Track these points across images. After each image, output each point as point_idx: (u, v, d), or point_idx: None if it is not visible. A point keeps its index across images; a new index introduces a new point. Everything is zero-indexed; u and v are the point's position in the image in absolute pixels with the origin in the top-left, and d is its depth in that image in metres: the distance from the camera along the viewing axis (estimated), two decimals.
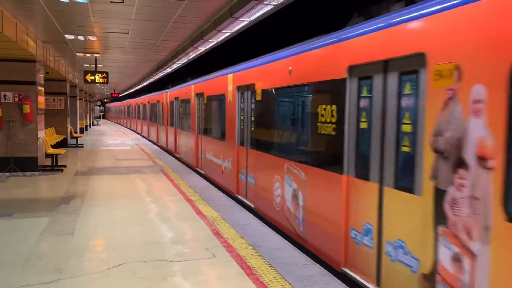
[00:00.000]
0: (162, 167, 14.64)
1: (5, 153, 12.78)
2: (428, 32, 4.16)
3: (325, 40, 6.23)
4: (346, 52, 5.59)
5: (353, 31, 5.52)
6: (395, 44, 4.63)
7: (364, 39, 5.23)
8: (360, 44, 5.30)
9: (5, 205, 8.95)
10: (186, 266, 5.46)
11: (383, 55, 4.82)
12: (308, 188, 6.48)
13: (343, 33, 5.77)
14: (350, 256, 5.31)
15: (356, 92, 5.39)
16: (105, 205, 8.93)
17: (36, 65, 13.15)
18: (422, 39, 4.22)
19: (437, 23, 4.07)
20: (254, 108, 9.06)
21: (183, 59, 15.59)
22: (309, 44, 6.78)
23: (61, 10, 9.68)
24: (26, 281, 4.92)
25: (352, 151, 5.42)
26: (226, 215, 8.05)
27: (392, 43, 4.69)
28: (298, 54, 7.02)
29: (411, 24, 4.43)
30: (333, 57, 5.92)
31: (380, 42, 4.90)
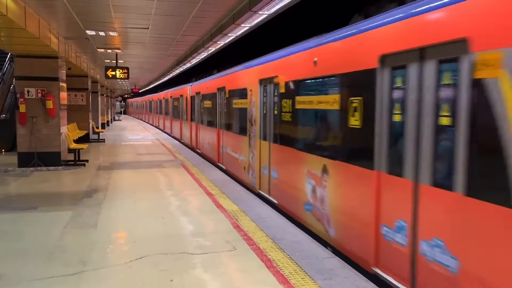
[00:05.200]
0: (182, 161, 14.73)
1: (29, 148, 13.00)
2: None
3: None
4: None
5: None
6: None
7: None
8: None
9: (29, 199, 9.13)
10: (206, 259, 5.50)
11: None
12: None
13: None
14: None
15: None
16: (126, 198, 9.03)
17: (58, 61, 13.32)
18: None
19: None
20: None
21: (203, 53, 15.61)
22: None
23: (82, 6, 9.78)
24: (51, 273, 5.02)
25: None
26: (246, 209, 8.07)
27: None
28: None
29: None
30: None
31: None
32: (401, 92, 4.88)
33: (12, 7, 8.38)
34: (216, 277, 4.94)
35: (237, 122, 12.16)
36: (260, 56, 10.47)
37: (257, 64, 10.31)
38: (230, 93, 12.82)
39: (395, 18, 5.04)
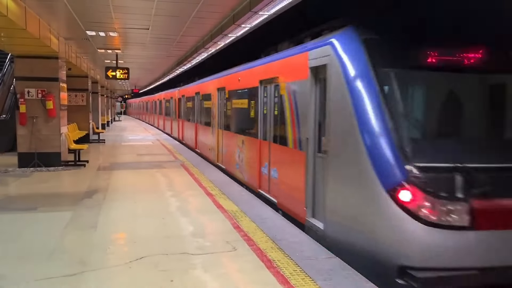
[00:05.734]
0: (182, 162, 14.74)
1: (29, 149, 13.01)
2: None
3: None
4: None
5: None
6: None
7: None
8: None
9: (29, 200, 9.13)
10: (207, 259, 5.50)
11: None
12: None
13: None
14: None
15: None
16: (127, 199, 9.03)
17: (58, 61, 13.33)
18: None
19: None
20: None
21: (203, 54, 15.62)
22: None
23: (82, 7, 9.79)
24: (51, 273, 5.02)
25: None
26: (246, 209, 8.07)
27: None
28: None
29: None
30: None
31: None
32: (265, 98, 9.54)
33: (13, 7, 8.38)
34: (216, 278, 4.94)
35: (206, 117, 16.43)
36: (217, 73, 15.03)
37: (215, 78, 15.06)
38: (202, 97, 17.15)
39: (262, 63, 9.95)
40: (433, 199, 4.98)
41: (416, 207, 4.99)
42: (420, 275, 4.81)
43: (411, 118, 5.73)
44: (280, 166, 8.61)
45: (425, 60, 5.73)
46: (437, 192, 4.98)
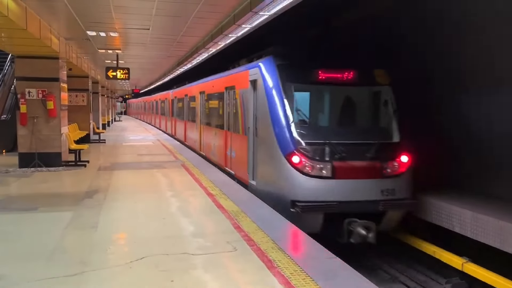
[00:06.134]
0: (183, 162, 14.73)
1: (30, 149, 13.02)
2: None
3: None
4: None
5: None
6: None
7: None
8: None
9: (30, 200, 9.13)
10: (207, 259, 5.50)
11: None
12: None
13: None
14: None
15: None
16: (127, 199, 9.04)
17: (59, 61, 13.34)
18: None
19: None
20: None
21: (204, 54, 15.62)
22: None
23: (83, 7, 9.79)
24: (52, 274, 5.02)
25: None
26: (247, 209, 8.06)
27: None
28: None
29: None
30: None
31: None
32: (228, 100, 12.90)
33: (13, 8, 8.38)
34: (216, 278, 4.94)
35: (192, 116, 19.76)
36: (200, 79, 18.42)
37: (198, 83, 18.65)
38: (190, 98, 20.69)
39: (226, 74, 13.41)
40: (311, 161, 8.43)
41: (301, 166, 8.42)
42: (301, 205, 8.19)
43: (302, 114, 9.09)
44: (235, 148, 12.18)
45: (315, 77, 9.19)
46: (314, 157, 8.46)
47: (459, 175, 9.90)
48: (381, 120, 9.58)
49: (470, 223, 7.84)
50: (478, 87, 9.37)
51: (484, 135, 9.29)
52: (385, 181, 8.58)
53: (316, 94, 9.72)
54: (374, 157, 8.56)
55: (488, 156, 9.25)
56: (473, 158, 9.54)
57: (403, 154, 8.79)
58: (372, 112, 9.74)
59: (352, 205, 8.37)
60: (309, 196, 8.33)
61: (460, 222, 8.12)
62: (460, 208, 8.16)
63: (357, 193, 8.45)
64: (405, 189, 8.77)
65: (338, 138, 8.67)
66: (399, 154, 8.78)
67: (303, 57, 9.89)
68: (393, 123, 9.21)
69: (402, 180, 8.73)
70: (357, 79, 9.38)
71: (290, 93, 9.06)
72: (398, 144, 8.96)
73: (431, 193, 9.23)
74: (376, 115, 9.67)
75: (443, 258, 8.21)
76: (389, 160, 8.67)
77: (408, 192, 8.84)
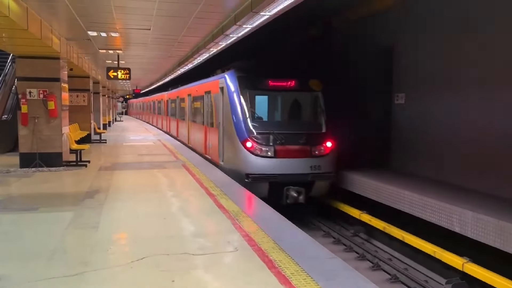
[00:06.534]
0: (184, 162, 14.74)
1: (31, 149, 13.03)
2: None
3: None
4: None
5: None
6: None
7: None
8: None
9: (31, 200, 9.14)
10: (208, 259, 5.50)
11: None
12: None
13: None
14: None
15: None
16: (128, 199, 9.04)
17: (60, 62, 13.34)
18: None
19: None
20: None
21: (204, 54, 15.63)
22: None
23: (84, 7, 9.80)
24: (52, 274, 5.02)
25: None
26: (248, 209, 8.07)
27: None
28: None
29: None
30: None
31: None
32: (208, 102, 15.82)
33: (14, 8, 8.39)
34: (217, 278, 4.94)
35: (182, 114, 23.11)
36: (189, 84, 21.69)
37: (187, 87, 21.83)
38: (180, 100, 23.91)
39: (206, 81, 16.55)
40: (260, 145, 11.64)
41: (253, 149, 11.63)
42: (252, 176, 11.52)
43: (254, 112, 12.42)
44: (211, 139, 15.63)
45: (266, 85, 12.50)
46: (262, 143, 11.68)
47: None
48: (312, 116, 12.96)
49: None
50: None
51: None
52: (313, 160, 11.87)
53: (265, 98, 13.09)
54: (305, 143, 11.87)
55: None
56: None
57: (327, 141, 12.14)
58: (306, 111, 13.11)
59: (289, 177, 11.64)
60: (258, 170, 11.62)
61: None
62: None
63: (293, 168, 11.70)
64: (328, 166, 12.06)
65: (279, 129, 12.04)
66: (324, 141, 12.12)
67: (258, 70, 13.53)
68: (321, 119, 12.57)
69: (326, 159, 12.05)
70: (297, 86, 12.67)
71: (246, 97, 12.35)
72: (324, 133, 12.31)
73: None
74: (309, 113, 13.07)
75: (443, 258, 8.22)
76: (317, 145, 11.99)
77: (331, 168, 12.14)
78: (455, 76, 10.78)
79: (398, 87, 13.10)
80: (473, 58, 10.17)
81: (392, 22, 13.22)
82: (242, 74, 12.77)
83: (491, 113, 9.73)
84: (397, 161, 13.13)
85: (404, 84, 12.87)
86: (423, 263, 9.21)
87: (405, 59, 12.79)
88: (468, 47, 10.30)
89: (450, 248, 8.47)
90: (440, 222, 8.79)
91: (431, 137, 11.59)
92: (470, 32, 10.21)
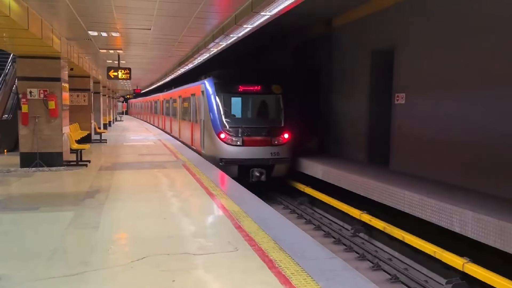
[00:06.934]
0: (184, 162, 14.75)
1: (31, 149, 13.03)
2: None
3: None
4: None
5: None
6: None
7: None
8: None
9: (31, 199, 9.15)
10: (208, 259, 5.50)
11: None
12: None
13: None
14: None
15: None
16: (128, 199, 9.05)
17: (60, 61, 13.34)
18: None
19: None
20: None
21: (205, 54, 15.63)
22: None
23: (84, 7, 9.80)
24: (53, 273, 5.03)
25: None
26: (248, 209, 8.07)
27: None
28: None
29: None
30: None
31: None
32: (194, 102, 18.81)
33: (15, 8, 8.40)
34: (218, 278, 4.94)
35: (175, 113, 26.22)
36: (180, 87, 24.95)
37: (178, 89, 24.93)
38: (173, 100, 26.83)
39: (192, 85, 19.89)
40: (231, 137, 14.72)
41: (226, 139, 14.69)
42: (225, 160, 14.66)
43: (227, 112, 15.41)
44: (195, 132, 18.69)
45: (237, 89, 15.50)
46: (232, 134, 14.77)
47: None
48: (273, 114, 15.99)
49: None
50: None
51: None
52: (273, 148, 14.96)
53: (236, 99, 16.15)
54: (267, 135, 15.01)
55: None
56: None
57: (285, 133, 15.27)
58: (269, 109, 16.13)
59: (254, 161, 14.71)
60: (229, 156, 14.77)
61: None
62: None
63: (257, 154, 14.73)
64: (285, 152, 15.18)
65: (247, 124, 15.26)
66: (282, 133, 15.23)
67: (230, 77, 16.35)
68: (280, 116, 15.72)
69: (284, 147, 15.16)
70: (262, 90, 15.80)
71: (221, 98, 15.54)
72: (282, 127, 15.42)
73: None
74: (271, 111, 16.08)
75: (443, 259, 8.21)
76: (276, 136, 15.10)
77: (288, 154, 15.27)
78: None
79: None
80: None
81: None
82: (218, 81, 15.89)
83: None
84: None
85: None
86: (423, 263, 9.20)
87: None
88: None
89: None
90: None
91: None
92: (470, 32, 10.27)
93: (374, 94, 14.09)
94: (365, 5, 14.01)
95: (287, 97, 16.10)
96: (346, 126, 15.69)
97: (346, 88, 15.75)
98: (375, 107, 14.10)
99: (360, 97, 14.69)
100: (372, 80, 14.18)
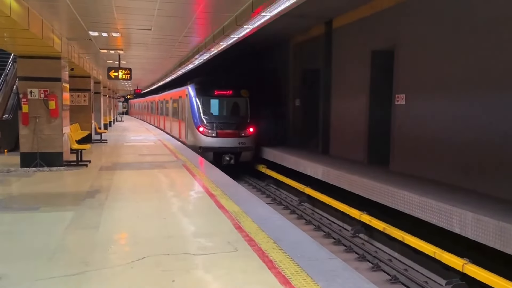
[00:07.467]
0: (184, 162, 14.75)
1: (32, 149, 13.04)
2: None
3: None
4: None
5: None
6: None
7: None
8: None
9: (31, 199, 9.16)
10: (208, 259, 5.51)
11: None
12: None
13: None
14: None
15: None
16: (129, 199, 9.05)
17: (61, 61, 13.36)
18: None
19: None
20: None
21: (205, 55, 15.65)
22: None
23: (85, 7, 9.82)
24: (53, 273, 5.03)
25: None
26: (248, 209, 8.07)
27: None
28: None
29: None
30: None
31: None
32: (181, 103, 23.14)
33: (16, 8, 8.41)
34: (218, 278, 4.95)
35: (167, 112, 30.28)
36: (172, 89, 28.77)
37: (170, 92, 28.78)
38: (166, 102, 30.49)
39: (180, 89, 24.31)
40: (208, 130, 19.25)
41: (203, 132, 19.24)
42: (202, 148, 19.15)
43: (205, 110, 19.85)
44: (182, 128, 22.73)
45: (213, 93, 20.11)
46: (209, 128, 19.30)
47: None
48: (241, 112, 20.05)
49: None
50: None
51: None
52: (240, 139, 19.10)
53: (213, 101, 20.19)
54: (236, 128, 19.23)
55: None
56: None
57: (250, 127, 19.49)
58: (238, 109, 20.14)
59: (225, 149, 18.93)
60: (206, 144, 19.01)
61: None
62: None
63: (228, 143, 18.94)
64: (250, 142, 19.38)
65: (220, 120, 19.60)
66: (248, 127, 19.46)
67: (208, 83, 20.32)
68: (247, 114, 19.87)
69: (249, 138, 19.36)
70: (233, 94, 20.02)
71: (200, 100, 19.79)
72: (248, 123, 19.60)
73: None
74: (239, 110, 20.12)
75: (443, 259, 8.21)
76: (243, 129, 19.32)
77: (252, 144, 19.48)
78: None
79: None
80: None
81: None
82: (199, 86, 20.17)
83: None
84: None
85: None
86: (423, 263, 9.20)
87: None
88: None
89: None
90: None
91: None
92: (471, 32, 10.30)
93: (374, 95, 14.15)
94: (365, 5, 14.05)
95: (253, 99, 20.25)
96: (346, 126, 15.77)
97: (346, 88, 15.81)
98: (375, 107, 14.15)
99: (360, 97, 14.76)
100: (372, 80, 14.28)
